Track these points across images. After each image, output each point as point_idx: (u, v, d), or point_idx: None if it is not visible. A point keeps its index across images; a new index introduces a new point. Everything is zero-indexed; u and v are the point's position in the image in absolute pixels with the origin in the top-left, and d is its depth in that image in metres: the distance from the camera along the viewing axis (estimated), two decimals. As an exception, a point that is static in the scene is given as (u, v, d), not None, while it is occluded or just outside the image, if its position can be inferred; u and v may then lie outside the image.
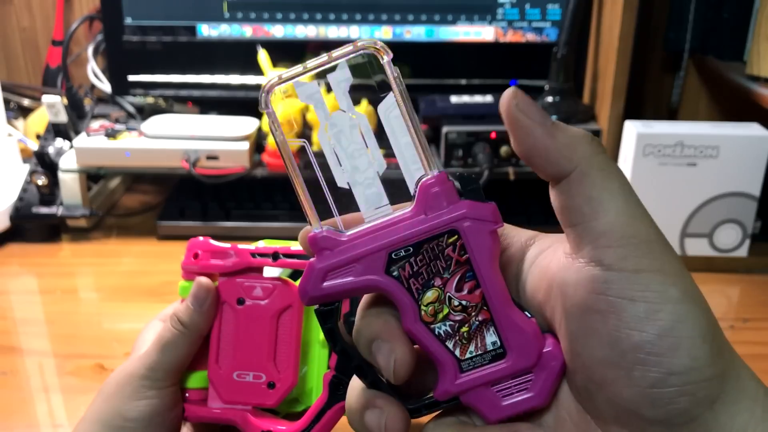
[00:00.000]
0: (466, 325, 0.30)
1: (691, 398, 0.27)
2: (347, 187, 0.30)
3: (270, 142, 0.95)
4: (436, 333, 0.30)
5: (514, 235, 0.33)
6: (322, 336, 0.47)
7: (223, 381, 0.47)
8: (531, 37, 1.04)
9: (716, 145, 0.84)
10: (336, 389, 0.44)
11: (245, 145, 0.94)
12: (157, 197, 1.11)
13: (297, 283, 0.47)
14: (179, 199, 1.02)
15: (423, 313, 0.30)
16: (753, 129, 0.86)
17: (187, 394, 0.48)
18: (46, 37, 1.27)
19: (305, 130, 0.96)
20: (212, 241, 0.47)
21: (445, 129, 0.94)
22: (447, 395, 0.31)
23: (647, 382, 0.27)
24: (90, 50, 1.17)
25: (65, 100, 1.02)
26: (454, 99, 1.01)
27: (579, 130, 0.30)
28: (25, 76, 1.30)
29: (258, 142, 0.98)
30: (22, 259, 0.93)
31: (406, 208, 0.30)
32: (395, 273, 0.30)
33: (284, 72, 0.30)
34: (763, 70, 0.91)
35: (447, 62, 1.07)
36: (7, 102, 1.22)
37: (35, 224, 0.96)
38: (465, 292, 0.30)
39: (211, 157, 0.93)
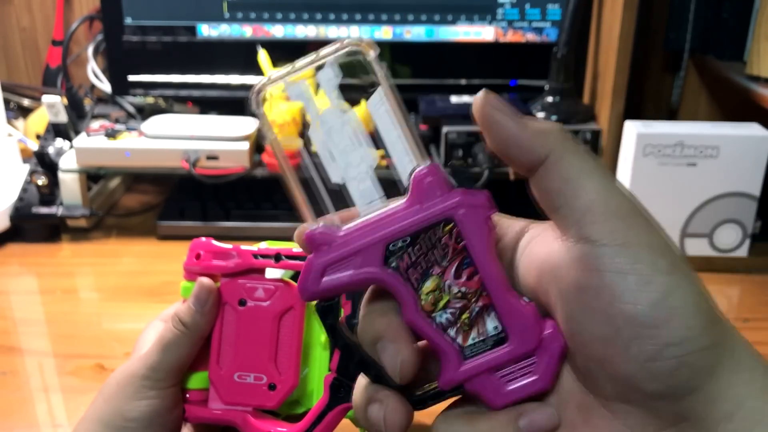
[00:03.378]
0: (467, 312, 0.31)
1: (690, 369, 0.27)
2: (341, 182, 0.31)
3: (270, 142, 0.95)
4: (437, 322, 0.31)
5: (508, 225, 0.34)
6: (323, 338, 0.47)
7: (223, 382, 0.47)
8: (531, 37, 1.04)
9: (716, 145, 0.84)
10: (337, 391, 0.44)
11: (245, 145, 0.93)
12: (157, 197, 1.11)
13: None
14: (179, 199, 1.02)
15: (423, 302, 0.30)
16: (753, 129, 0.86)
17: (187, 395, 0.48)
18: (46, 37, 1.27)
19: (306, 130, 0.96)
20: (214, 242, 0.47)
21: (445, 129, 0.94)
22: (451, 384, 0.31)
23: (645, 356, 0.27)
24: (90, 50, 1.17)
25: (65, 100, 1.02)
26: (454, 99, 1.01)
27: (549, 122, 0.31)
28: (25, 76, 1.30)
29: (258, 142, 0.98)
30: (22, 259, 0.93)
31: (400, 201, 0.31)
32: (393, 264, 0.30)
33: (273, 73, 0.31)
34: (763, 70, 0.91)
35: (447, 62, 1.07)
36: (7, 102, 1.22)
37: (35, 224, 0.96)
38: (464, 278, 0.30)
39: (211, 157, 0.93)
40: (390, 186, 0.31)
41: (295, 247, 0.46)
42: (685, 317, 0.27)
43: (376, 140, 0.31)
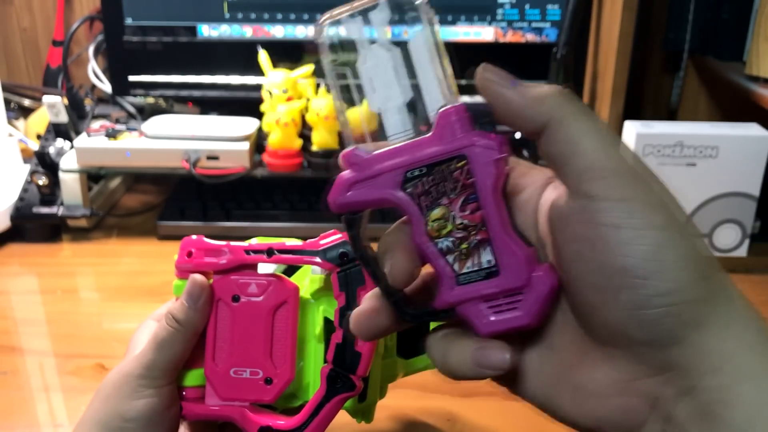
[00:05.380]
0: (466, 243, 0.33)
1: (675, 319, 0.29)
2: (378, 112, 0.34)
3: (270, 142, 0.95)
4: (439, 247, 0.33)
5: (537, 173, 0.35)
6: (317, 331, 0.48)
7: (220, 378, 0.47)
8: (531, 37, 1.04)
9: (716, 146, 0.85)
10: (333, 382, 0.44)
11: (245, 145, 0.94)
12: (158, 197, 1.11)
13: (292, 279, 0.48)
14: (179, 199, 1.02)
15: (429, 228, 0.33)
16: (752, 129, 0.86)
17: (184, 392, 0.47)
18: (46, 38, 1.27)
19: (305, 131, 0.96)
20: (206, 239, 0.47)
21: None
22: (444, 305, 0.34)
23: (633, 305, 0.29)
24: (90, 50, 1.18)
25: (66, 101, 1.02)
26: (454, 99, 1.01)
27: (548, 86, 0.32)
28: (26, 76, 1.30)
29: (258, 142, 0.98)
30: (23, 259, 0.93)
31: (426, 134, 0.33)
32: (409, 190, 0.33)
33: (335, 10, 0.34)
34: (763, 70, 0.91)
35: (447, 62, 1.07)
36: (7, 102, 1.22)
37: (36, 224, 0.96)
38: (467, 212, 0.33)
39: (212, 157, 0.94)
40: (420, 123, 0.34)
41: (287, 241, 0.46)
42: (674, 270, 0.28)
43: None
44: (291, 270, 0.51)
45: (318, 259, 0.45)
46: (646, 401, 0.30)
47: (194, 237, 0.47)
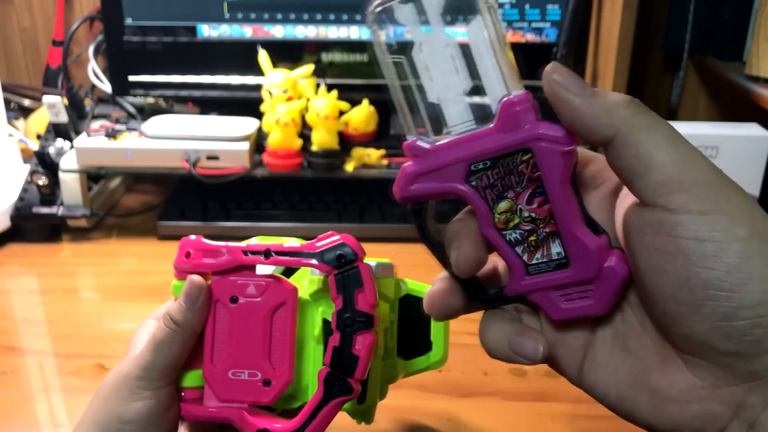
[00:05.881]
0: (534, 235, 0.33)
1: (764, 330, 0.28)
2: (437, 102, 0.34)
3: (270, 142, 0.95)
4: (507, 239, 0.34)
5: None
6: (316, 332, 0.47)
7: (218, 379, 0.46)
8: (530, 37, 1.04)
9: (716, 146, 0.84)
10: (331, 386, 0.44)
11: (245, 145, 0.94)
12: (158, 197, 1.11)
13: (290, 280, 0.48)
14: (179, 199, 1.02)
15: (496, 220, 0.33)
16: (752, 129, 0.86)
17: (182, 394, 0.47)
18: (46, 38, 1.27)
19: (305, 131, 0.96)
20: (204, 240, 0.47)
21: (444, 130, 0.94)
22: (515, 292, 0.35)
23: (718, 317, 0.28)
24: (90, 50, 1.18)
25: (66, 101, 1.02)
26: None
27: (618, 95, 0.31)
28: (26, 76, 1.30)
29: (258, 142, 0.98)
30: (23, 259, 0.93)
31: (488, 125, 0.33)
32: (473, 183, 0.33)
33: None
34: (763, 71, 0.91)
35: (447, 62, 1.06)
36: (7, 102, 1.22)
37: (36, 224, 0.96)
38: (535, 205, 0.33)
39: (212, 157, 0.94)
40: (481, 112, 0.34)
41: (285, 243, 0.46)
42: (761, 281, 0.28)
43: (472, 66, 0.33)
44: (290, 271, 0.51)
45: (315, 261, 0.45)
46: (729, 408, 0.30)
47: (193, 237, 0.47)
